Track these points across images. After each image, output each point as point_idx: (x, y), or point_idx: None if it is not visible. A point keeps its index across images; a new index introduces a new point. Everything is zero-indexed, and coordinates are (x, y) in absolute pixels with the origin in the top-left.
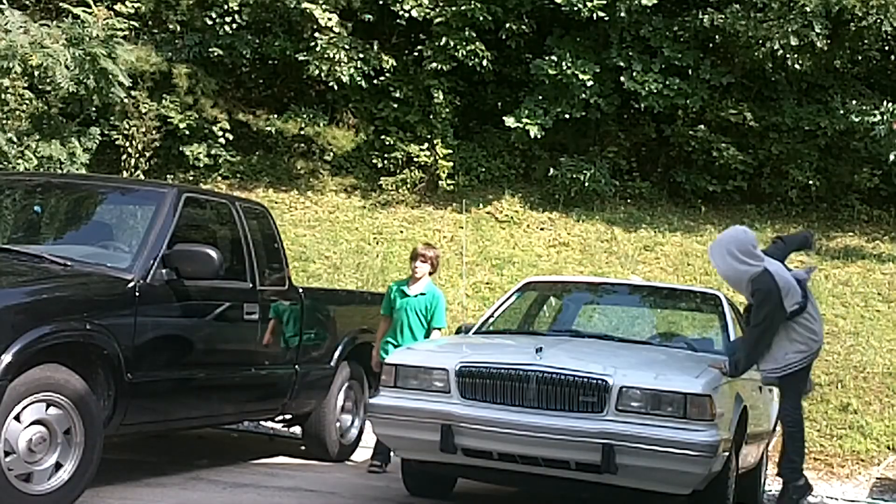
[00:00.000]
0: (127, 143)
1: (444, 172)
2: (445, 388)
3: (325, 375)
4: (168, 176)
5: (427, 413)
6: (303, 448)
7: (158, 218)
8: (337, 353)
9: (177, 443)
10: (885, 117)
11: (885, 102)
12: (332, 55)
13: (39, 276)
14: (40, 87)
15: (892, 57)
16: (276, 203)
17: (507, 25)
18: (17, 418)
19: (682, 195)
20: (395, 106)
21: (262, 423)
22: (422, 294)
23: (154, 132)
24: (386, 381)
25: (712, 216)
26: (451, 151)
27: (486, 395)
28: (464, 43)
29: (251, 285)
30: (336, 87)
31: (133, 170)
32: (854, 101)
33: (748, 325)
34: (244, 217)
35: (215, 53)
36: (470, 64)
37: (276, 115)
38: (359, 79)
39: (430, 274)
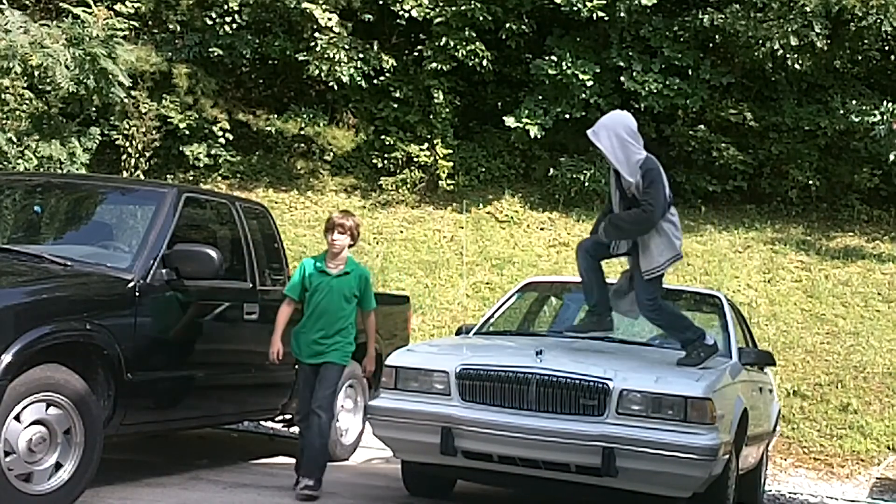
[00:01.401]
0: (127, 143)
1: (444, 172)
2: (445, 391)
3: None
4: (168, 176)
5: (427, 415)
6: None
7: (158, 218)
8: None
9: (177, 443)
10: (885, 117)
11: (885, 102)
12: (332, 55)
13: (39, 276)
14: (40, 87)
15: (892, 57)
16: (276, 203)
17: (507, 25)
18: (17, 418)
19: (682, 195)
20: (395, 106)
21: (262, 423)
22: (346, 273)
23: (154, 132)
24: (386, 383)
25: (712, 216)
26: (451, 151)
27: (486, 398)
28: (464, 43)
29: (251, 285)
30: (336, 87)
31: (133, 170)
32: (854, 101)
33: (631, 209)
34: (244, 217)
35: (215, 53)
36: (470, 64)
37: (276, 115)
38: (359, 79)
39: (350, 247)
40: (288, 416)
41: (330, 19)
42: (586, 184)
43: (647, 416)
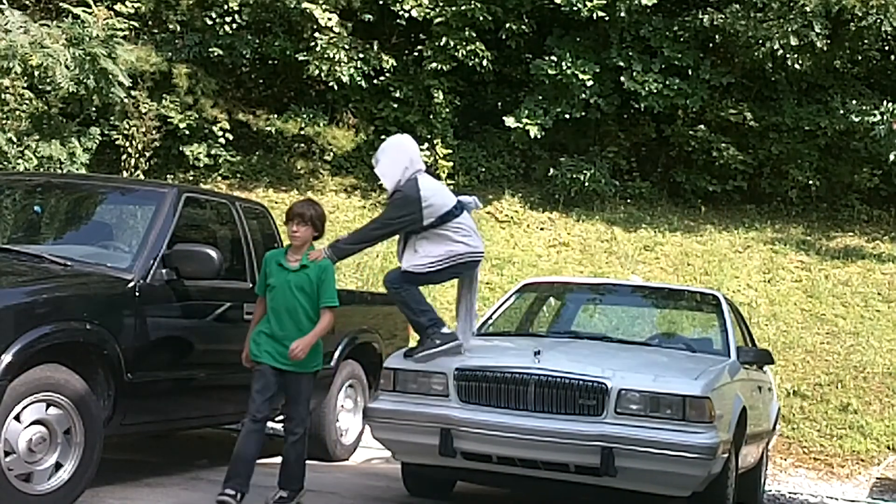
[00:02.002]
0: (127, 143)
1: (444, 172)
2: (444, 392)
3: (325, 375)
4: (168, 176)
5: (426, 417)
6: None
7: (158, 218)
8: (337, 353)
9: (177, 443)
10: (885, 117)
11: (885, 102)
12: (332, 55)
13: (39, 276)
14: (40, 87)
15: (892, 57)
16: (276, 203)
17: (507, 25)
18: (17, 418)
19: (682, 195)
20: (395, 106)
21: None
22: (304, 266)
23: (154, 132)
24: (385, 384)
25: (712, 216)
26: (451, 151)
27: (485, 399)
28: (464, 43)
29: (251, 285)
30: (336, 87)
31: (133, 170)
32: (854, 101)
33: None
34: (244, 217)
35: (215, 53)
36: (470, 64)
37: (276, 115)
38: (359, 79)
39: (315, 239)
40: None
41: (330, 19)
42: (586, 184)
43: (645, 416)
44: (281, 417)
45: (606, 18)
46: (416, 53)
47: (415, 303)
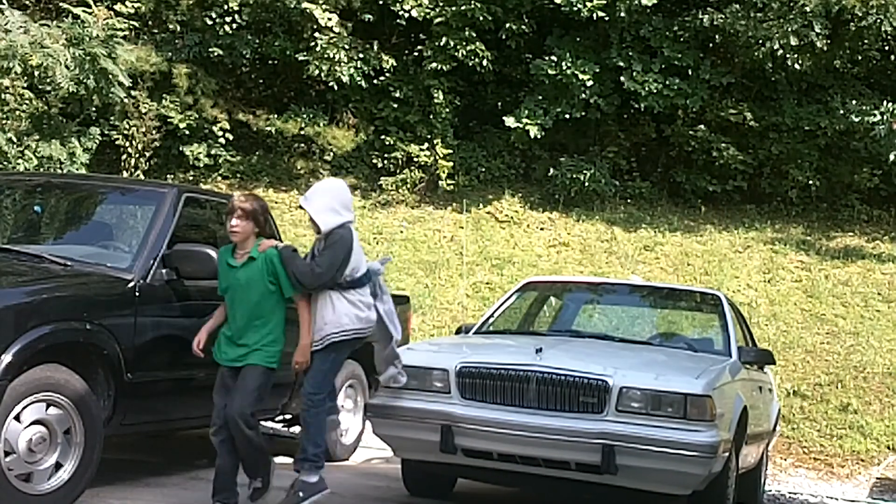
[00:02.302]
0: (127, 143)
1: (444, 172)
2: (445, 389)
3: None
4: (168, 176)
5: (427, 413)
6: None
7: (158, 218)
8: None
9: (177, 443)
10: (885, 117)
11: (885, 102)
12: (332, 55)
13: (39, 276)
14: (40, 87)
15: (892, 57)
16: (276, 203)
17: (507, 25)
18: (17, 418)
19: (682, 195)
20: (395, 106)
21: (262, 423)
22: (251, 259)
23: (154, 132)
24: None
25: (712, 216)
26: (451, 151)
27: (486, 396)
28: (464, 43)
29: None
30: (336, 87)
31: (133, 170)
32: (854, 101)
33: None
34: None
35: (215, 53)
36: (470, 64)
37: (276, 115)
38: (359, 79)
39: (258, 235)
40: (288, 416)
41: (330, 19)
42: (586, 184)
43: (646, 414)
44: (280, 417)
45: (606, 18)
46: (416, 53)
47: (318, 432)
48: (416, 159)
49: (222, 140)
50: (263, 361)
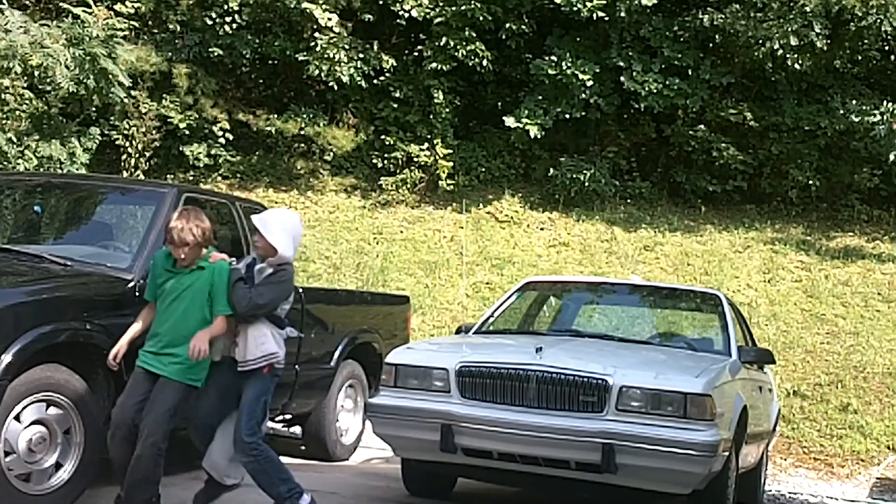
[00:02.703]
0: (127, 143)
1: (444, 172)
2: (446, 388)
3: (325, 375)
4: (168, 176)
5: (427, 413)
6: (303, 448)
7: (158, 218)
8: (337, 353)
9: (177, 443)
10: (885, 117)
11: (885, 102)
12: (332, 55)
13: (39, 276)
14: (40, 87)
15: (892, 57)
16: (276, 203)
17: (507, 25)
18: (17, 418)
19: (682, 195)
20: (395, 106)
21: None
22: (199, 269)
23: (154, 132)
24: (386, 380)
25: (712, 216)
26: (451, 151)
27: (486, 395)
28: (464, 43)
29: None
30: (336, 87)
31: (133, 170)
32: (854, 101)
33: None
34: (244, 217)
35: (215, 53)
36: (470, 64)
37: (276, 115)
38: (359, 79)
39: (203, 247)
40: (288, 416)
41: (330, 19)
42: (586, 184)
43: (646, 413)
44: (280, 417)
45: (606, 18)
46: (416, 53)
47: (275, 469)
48: (416, 159)
49: (222, 140)
50: (185, 378)
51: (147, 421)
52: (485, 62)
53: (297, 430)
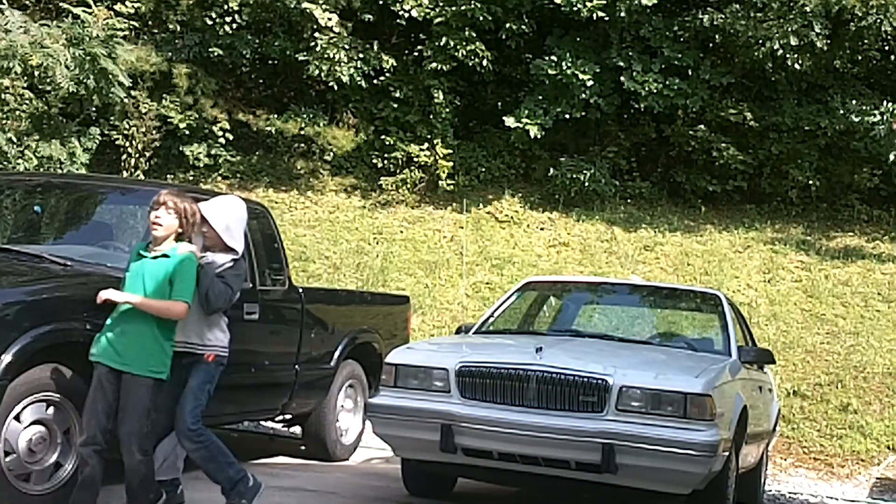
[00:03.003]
0: (127, 143)
1: (444, 172)
2: (446, 388)
3: (325, 375)
4: (168, 176)
5: (427, 413)
6: (303, 448)
7: None
8: (337, 353)
9: None
10: (885, 117)
11: (885, 102)
12: (332, 55)
13: (39, 276)
14: (40, 87)
15: (892, 57)
16: (276, 203)
17: (507, 25)
18: (17, 418)
19: (682, 195)
20: (395, 106)
21: (262, 423)
22: (164, 256)
23: (154, 132)
24: (386, 380)
25: (712, 216)
26: (451, 151)
27: (486, 395)
28: (464, 43)
29: (251, 285)
30: (336, 87)
31: (133, 170)
32: (854, 101)
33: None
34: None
35: (215, 53)
36: (470, 64)
37: (276, 115)
38: (359, 79)
39: (180, 237)
40: (288, 416)
41: (330, 19)
42: (586, 184)
43: (646, 413)
44: (281, 418)
45: (606, 18)
46: (416, 53)
47: (221, 454)
48: (416, 159)
49: (222, 140)
50: (148, 371)
51: (123, 428)
52: (485, 62)
53: (297, 430)
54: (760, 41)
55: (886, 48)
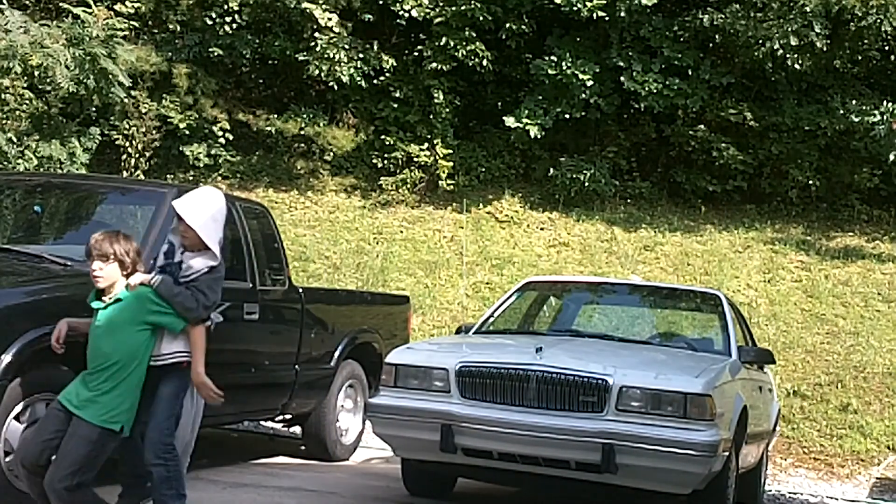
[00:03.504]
0: (127, 143)
1: (444, 172)
2: (446, 388)
3: (325, 375)
4: (168, 176)
5: (427, 413)
6: (303, 448)
7: (158, 218)
8: (337, 353)
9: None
10: (885, 117)
11: (885, 102)
12: (332, 55)
13: (39, 276)
14: (40, 87)
15: (892, 57)
16: (276, 203)
17: (507, 25)
18: (17, 418)
19: (682, 195)
20: (395, 106)
21: (262, 423)
22: (117, 301)
23: (154, 132)
24: (386, 380)
25: (712, 216)
26: (451, 151)
27: (486, 395)
28: (464, 43)
29: (251, 285)
30: (336, 87)
31: (133, 170)
32: (854, 101)
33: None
34: (244, 217)
35: (215, 53)
36: (470, 64)
37: (276, 115)
38: (359, 79)
39: (127, 276)
40: (288, 416)
41: (330, 19)
42: (586, 184)
43: (646, 413)
44: (281, 418)
45: (606, 18)
46: (416, 53)
47: (179, 483)
48: (416, 159)
49: (222, 140)
50: (100, 420)
51: (57, 474)
52: (485, 62)
53: (297, 430)
54: (760, 41)
55: (886, 48)
